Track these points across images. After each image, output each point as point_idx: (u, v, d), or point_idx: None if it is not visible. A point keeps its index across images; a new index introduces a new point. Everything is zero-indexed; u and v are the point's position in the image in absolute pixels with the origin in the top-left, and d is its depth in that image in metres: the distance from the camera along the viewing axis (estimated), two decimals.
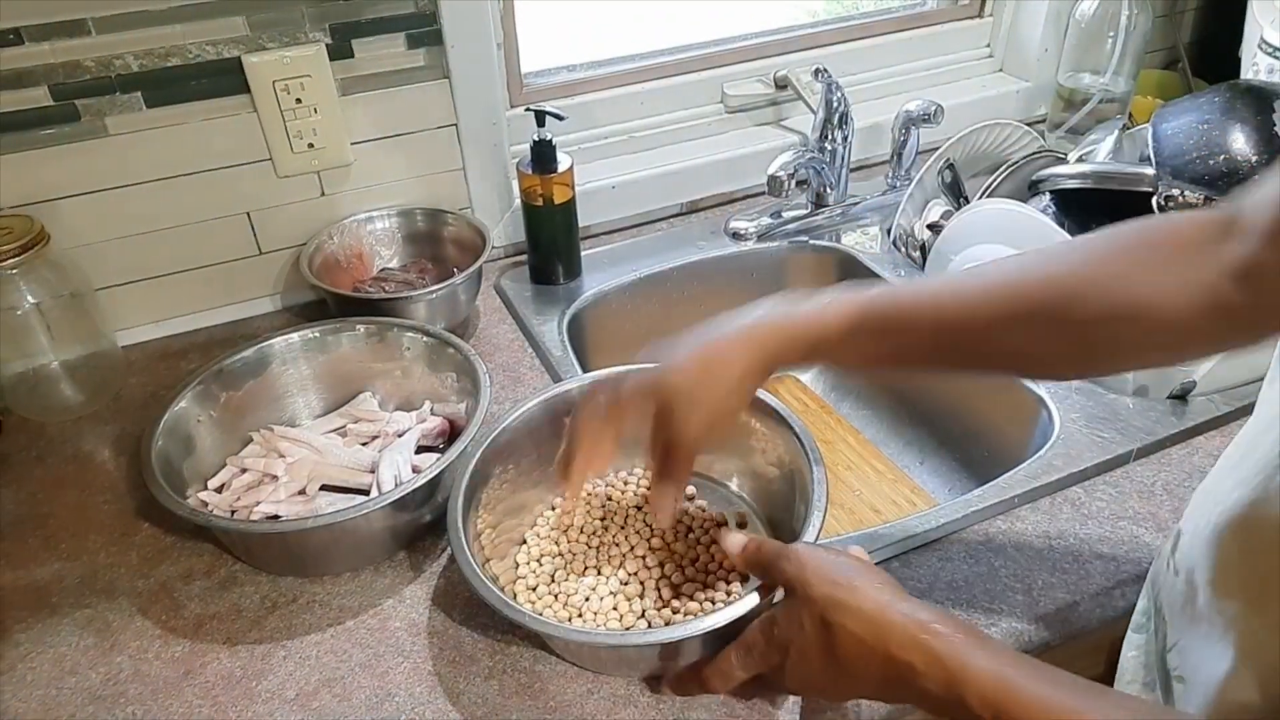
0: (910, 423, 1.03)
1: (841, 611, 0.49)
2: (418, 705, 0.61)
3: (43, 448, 0.82)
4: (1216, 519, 0.38)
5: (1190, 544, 0.41)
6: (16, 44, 0.78)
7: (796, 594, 0.52)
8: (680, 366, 0.58)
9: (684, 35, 1.15)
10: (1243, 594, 0.37)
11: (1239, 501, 0.37)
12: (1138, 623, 0.50)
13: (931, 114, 1.07)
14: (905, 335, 0.56)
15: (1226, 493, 0.38)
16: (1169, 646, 0.43)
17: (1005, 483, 0.75)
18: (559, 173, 0.93)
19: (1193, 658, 0.41)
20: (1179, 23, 1.32)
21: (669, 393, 0.58)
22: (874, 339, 0.56)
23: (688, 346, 0.59)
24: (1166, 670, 0.43)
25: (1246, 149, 0.86)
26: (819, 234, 1.09)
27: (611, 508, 0.72)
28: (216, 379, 0.77)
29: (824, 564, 0.53)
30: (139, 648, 0.65)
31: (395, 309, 0.87)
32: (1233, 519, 0.37)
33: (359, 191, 0.97)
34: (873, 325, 0.56)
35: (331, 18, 0.87)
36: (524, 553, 0.70)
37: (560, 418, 0.70)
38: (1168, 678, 0.43)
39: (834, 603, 0.50)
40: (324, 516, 0.65)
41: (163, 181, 0.88)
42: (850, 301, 0.57)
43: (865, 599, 0.50)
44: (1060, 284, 0.52)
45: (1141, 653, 0.48)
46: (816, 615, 0.50)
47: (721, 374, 0.57)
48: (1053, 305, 0.52)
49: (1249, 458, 0.37)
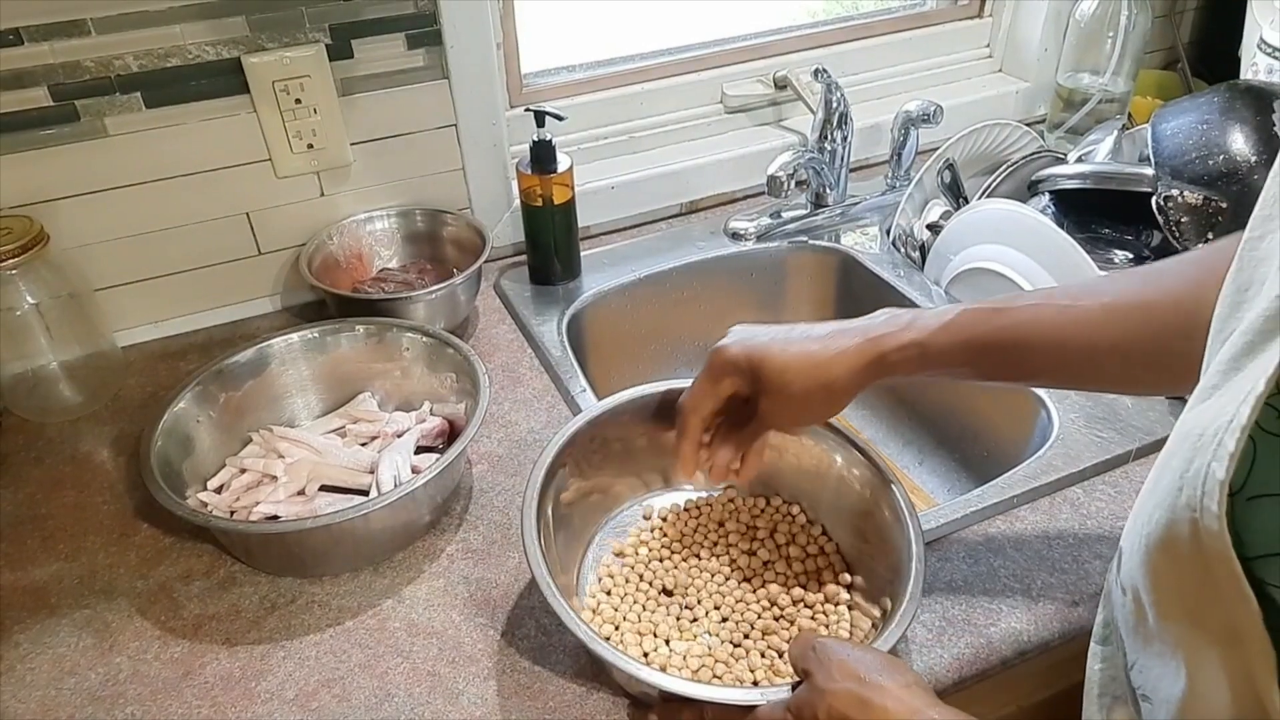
0: (909, 423, 1.03)
1: (866, 710, 0.48)
2: (417, 705, 0.61)
3: (42, 448, 0.82)
4: (1146, 539, 0.38)
5: (1129, 563, 0.41)
6: (16, 44, 0.78)
7: (816, 684, 0.51)
8: (779, 358, 0.60)
9: (684, 35, 1.15)
10: (1181, 613, 0.37)
11: (1159, 521, 0.37)
12: (1101, 634, 0.50)
13: (931, 114, 1.07)
14: (1024, 353, 0.56)
15: (1149, 513, 0.38)
16: (1130, 665, 0.43)
17: (1004, 483, 0.75)
18: (558, 173, 0.93)
19: (1151, 677, 0.41)
20: (1178, 23, 1.32)
21: (764, 375, 0.60)
22: (990, 356, 0.57)
23: (803, 335, 0.61)
24: (1132, 687, 0.43)
25: (1246, 149, 0.86)
26: (818, 234, 1.09)
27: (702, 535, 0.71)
28: (216, 379, 0.77)
29: (849, 659, 0.51)
30: (138, 648, 0.65)
31: (395, 309, 0.87)
32: (1159, 540, 0.37)
33: (358, 192, 0.97)
34: (991, 342, 0.56)
35: (331, 18, 0.87)
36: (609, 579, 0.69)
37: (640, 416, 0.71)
38: (1134, 695, 0.43)
39: (858, 700, 0.49)
40: (323, 517, 0.65)
41: (162, 182, 0.88)
42: (967, 317, 0.57)
43: (891, 698, 0.48)
44: (1188, 301, 0.51)
45: (1109, 665, 0.48)
46: (838, 712, 0.49)
47: (827, 371, 0.59)
48: (1180, 325, 0.50)
49: (1164, 477, 0.37)
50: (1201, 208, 0.87)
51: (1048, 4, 1.19)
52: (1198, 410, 0.37)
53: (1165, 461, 0.38)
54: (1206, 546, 0.34)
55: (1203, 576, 0.35)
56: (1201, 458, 0.34)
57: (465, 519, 0.74)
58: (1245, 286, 0.38)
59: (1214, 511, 0.33)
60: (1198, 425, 0.36)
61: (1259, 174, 0.85)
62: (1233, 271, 0.39)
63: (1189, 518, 0.35)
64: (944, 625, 0.65)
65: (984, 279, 0.93)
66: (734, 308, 1.09)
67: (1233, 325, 0.38)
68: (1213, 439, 0.34)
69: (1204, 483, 0.34)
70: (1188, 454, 0.35)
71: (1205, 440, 0.34)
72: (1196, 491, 0.34)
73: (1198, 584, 0.35)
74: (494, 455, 0.80)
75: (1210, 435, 0.34)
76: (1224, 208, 0.86)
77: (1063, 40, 1.20)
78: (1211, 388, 0.37)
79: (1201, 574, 0.35)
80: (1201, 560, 0.34)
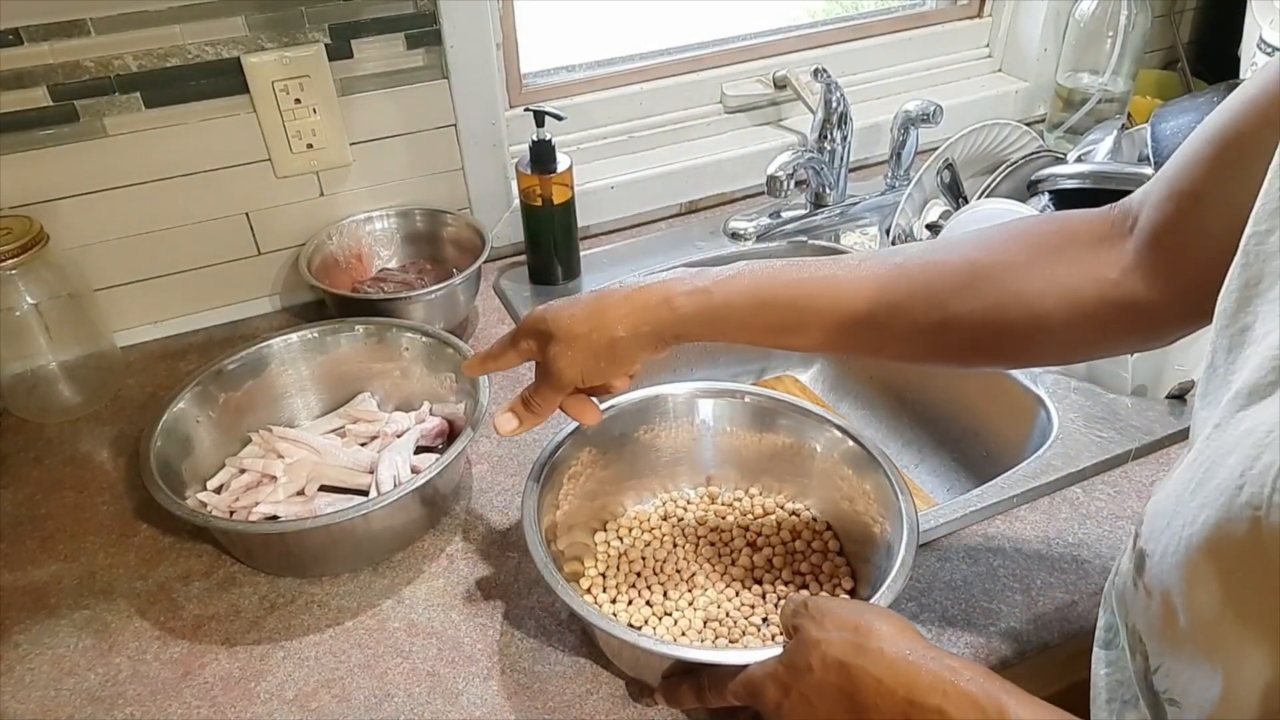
0: (909, 422, 1.03)
1: (861, 654, 0.48)
2: (416, 706, 0.61)
3: (41, 449, 0.82)
4: (1187, 541, 0.38)
5: (1160, 566, 0.41)
6: (15, 44, 0.78)
7: (809, 635, 0.51)
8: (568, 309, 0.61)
9: (684, 35, 1.15)
10: (1224, 615, 0.37)
11: (1206, 523, 0.37)
12: (1104, 639, 0.49)
13: (931, 114, 1.07)
14: (804, 317, 0.57)
15: (1192, 514, 0.38)
16: (1153, 669, 0.43)
17: (1004, 483, 0.75)
18: (558, 173, 0.93)
19: (1181, 680, 0.40)
20: (1178, 23, 1.32)
21: (549, 327, 0.61)
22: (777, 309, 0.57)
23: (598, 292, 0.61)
24: (1154, 692, 0.43)
25: None
26: (818, 234, 1.09)
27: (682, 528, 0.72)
28: (215, 379, 0.77)
29: (841, 610, 0.52)
30: (137, 649, 0.65)
31: (394, 309, 0.87)
32: (1204, 540, 0.37)
33: (358, 192, 0.97)
34: (779, 295, 0.57)
35: (331, 18, 0.87)
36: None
37: None
38: (1156, 700, 0.43)
39: (853, 646, 0.49)
40: (323, 517, 0.65)
41: (162, 182, 0.88)
42: (750, 278, 0.58)
43: (886, 642, 0.49)
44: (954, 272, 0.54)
45: (1115, 669, 0.48)
46: (832, 659, 0.49)
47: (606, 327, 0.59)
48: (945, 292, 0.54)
49: (1210, 480, 0.37)
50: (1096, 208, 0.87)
51: (1047, 4, 1.19)
52: (1258, 409, 0.36)
53: (1216, 461, 0.37)
54: (1270, 544, 0.33)
55: (1261, 575, 0.34)
56: (1272, 454, 0.34)
57: (465, 519, 0.74)
58: (1256, 280, 0.38)
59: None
60: (1262, 423, 0.35)
61: None
62: (1238, 265, 0.39)
63: (1249, 516, 0.34)
64: (944, 625, 0.65)
65: None
66: None
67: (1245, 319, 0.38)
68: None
69: (1276, 479, 0.33)
70: (1251, 451, 0.35)
71: (1274, 437, 0.34)
72: (1264, 489, 0.33)
73: (1254, 583, 0.35)
74: (494, 455, 0.80)
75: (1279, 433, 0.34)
76: None
77: (1062, 40, 1.20)
78: (1270, 384, 0.36)
79: (1261, 572, 0.34)
80: (1261, 558, 0.34)
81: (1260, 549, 0.34)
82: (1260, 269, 0.38)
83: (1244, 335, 0.39)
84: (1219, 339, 0.40)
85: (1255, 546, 0.34)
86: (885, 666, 0.48)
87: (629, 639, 0.56)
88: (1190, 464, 0.39)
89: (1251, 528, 0.34)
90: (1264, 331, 0.37)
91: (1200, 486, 0.38)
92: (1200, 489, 0.37)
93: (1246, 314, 0.38)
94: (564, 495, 0.68)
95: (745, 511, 0.72)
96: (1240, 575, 0.36)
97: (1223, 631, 0.37)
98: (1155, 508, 0.42)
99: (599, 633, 0.59)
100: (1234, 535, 0.35)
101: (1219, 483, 0.36)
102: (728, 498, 0.74)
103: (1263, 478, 0.34)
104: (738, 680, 0.54)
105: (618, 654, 0.61)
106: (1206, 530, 0.36)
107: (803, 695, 0.50)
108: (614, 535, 0.71)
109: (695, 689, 0.56)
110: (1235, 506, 0.35)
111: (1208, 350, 0.41)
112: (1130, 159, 1.01)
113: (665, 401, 0.72)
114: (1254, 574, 0.35)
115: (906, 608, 0.66)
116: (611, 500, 0.72)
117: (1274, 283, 0.37)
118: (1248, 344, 0.38)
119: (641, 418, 0.72)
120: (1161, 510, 0.41)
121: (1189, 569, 0.38)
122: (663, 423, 0.72)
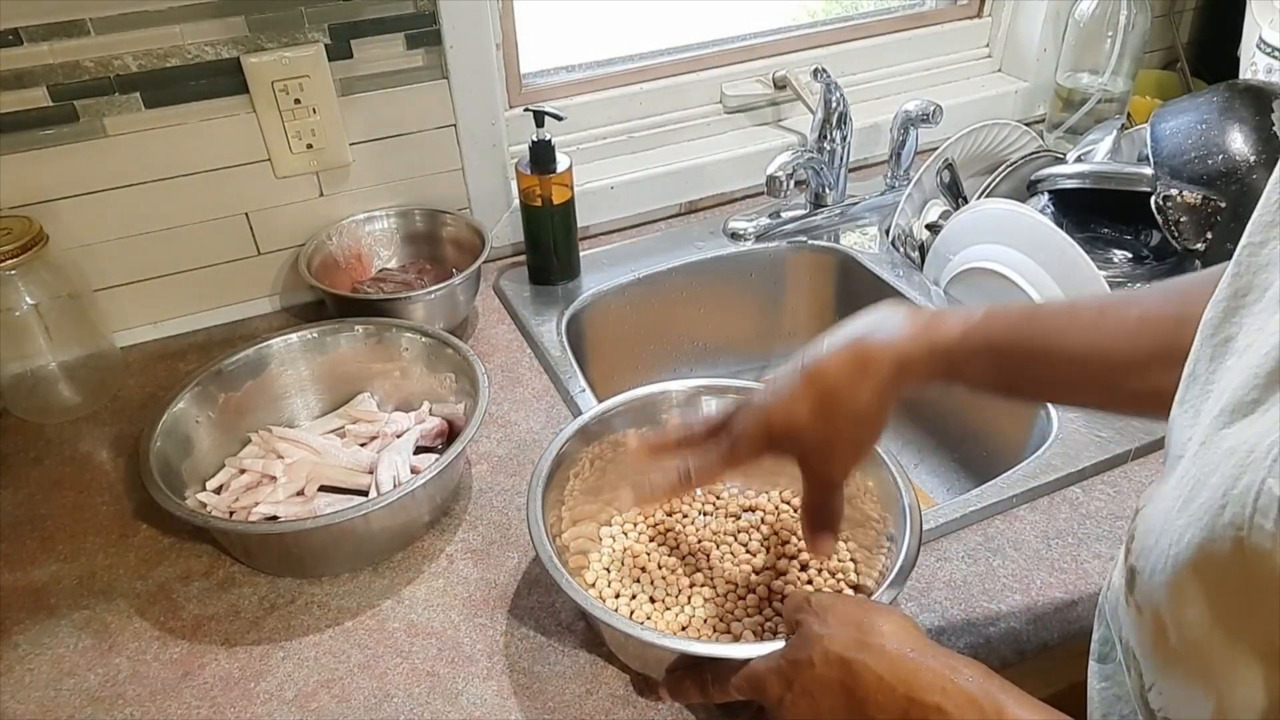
0: (909, 422, 1.03)
1: (862, 650, 0.49)
2: (416, 706, 0.61)
3: (41, 449, 0.82)
4: (1174, 560, 0.38)
5: (1149, 584, 0.41)
6: (15, 44, 0.78)
7: (812, 631, 0.51)
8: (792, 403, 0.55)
9: (684, 35, 1.15)
10: (1212, 635, 0.37)
11: (1192, 542, 0.36)
12: (1100, 652, 0.49)
13: (930, 114, 1.07)
14: (1047, 366, 0.53)
15: (1178, 533, 0.38)
16: (1147, 687, 0.43)
17: (1004, 482, 0.75)
18: (558, 173, 0.93)
19: (1175, 699, 0.40)
20: (1177, 23, 1.32)
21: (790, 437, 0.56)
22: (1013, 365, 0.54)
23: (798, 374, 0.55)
24: (1150, 710, 0.43)
25: (1245, 149, 0.86)
26: (818, 234, 1.09)
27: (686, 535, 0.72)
28: (215, 380, 0.77)
29: (844, 607, 0.52)
30: (137, 649, 0.65)
31: (394, 309, 0.87)
32: (1190, 560, 0.37)
33: (358, 192, 0.97)
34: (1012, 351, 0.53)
35: (330, 18, 0.87)
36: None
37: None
38: (1152, 717, 0.42)
39: (855, 642, 0.49)
40: (322, 517, 0.65)
41: (161, 182, 0.88)
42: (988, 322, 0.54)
43: (888, 639, 0.49)
44: None
45: (1112, 684, 0.48)
46: (834, 655, 0.49)
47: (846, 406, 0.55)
48: None
49: (1195, 498, 0.37)
50: (1200, 207, 0.87)
51: (1047, 4, 1.19)
52: (1240, 427, 0.36)
53: (1200, 479, 0.37)
54: (1252, 564, 0.33)
55: (1247, 596, 0.34)
56: (1253, 474, 0.33)
57: (465, 519, 0.74)
58: (1244, 291, 0.38)
59: (1268, 530, 0.32)
60: (1244, 442, 0.35)
61: (1258, 174, 0.85)
62: (1229, 275, 0.39)
63: (1232, 536, 0.34)
64: (943, 625, 0.65)
65: (983, 279, 0.93)
66: (733, 308, 1.09)
67: (1229, 330, 0.38)
68: (1265, 455, 0.33)
69: (1256, 499, 0.33)
70: (1233, 471, 0.34)
71: (1257, 457, 0.33)
72: (1245, 510, 0.33)
73: (1240, 604, 0.35)
74: (493, 455, 0.80)
75: (1263, 452, 0.33)
76: (1223, 207, 0.86)
77: (1062, 40, 1.20)
78: (1251, 402, 0.36)
79: (1246, 593, 0.34)
80: (1246, 578, 0.34)
81: (1244, 569, 0.34)
82: (1250, 280, 0.38)
83: (1226, 346, 0.38)
84: (1202, 348, 0.40)
85: (1239, 566, 0.34)
86: (886, 663, 0.48)
87: (634, 633, 0.56)
88: (1178, 480, 0.39)
89: (1235, 548, 0.34)
90: (1246, 344, 0.37)
91: (1186, 505, 0.37)
92: (1186, 508, 0.37)
93: (1231, 325, 0.38)
94: (568, 491, 0.68)
95: (748, 507, 0.73)
96: (1226, 596, 0.35)
97: (1212, 652, 0.37)
98: (1144, 524, 0.42)
99: (604, 627, 0.59)
100: (1218, 555, 0.35)
101: (1203, 502, 0.36)
102: (731, 494, 0.74)
103: (1243, 498, 0.33)
104: (740, 674, 0.54)
105: (622, 648, 0.61)
106: (1192, 550, 0.36)
107: (804, 690, 0.50)
108: (618, 531, 0.71)
109: (699, 683, 0.57)
110: (1219, 527, 0.34)
111: (1190, 357, 0.40)
112: (1130, 159, 1.01)
113: (668, 398, 0.72)
114: (1240, 594, 0.35)
115: (906, 607, 0.66)
116: (615, 496, 0.72)
117: (1260, 295, 0.37)
118: (1229, 355, 0.38)
119: (645, 415, 0.72)
120: (1151, 527, 0.41)
121: (1177, 588, 0.38)
122: (666, 420, 0.72)
